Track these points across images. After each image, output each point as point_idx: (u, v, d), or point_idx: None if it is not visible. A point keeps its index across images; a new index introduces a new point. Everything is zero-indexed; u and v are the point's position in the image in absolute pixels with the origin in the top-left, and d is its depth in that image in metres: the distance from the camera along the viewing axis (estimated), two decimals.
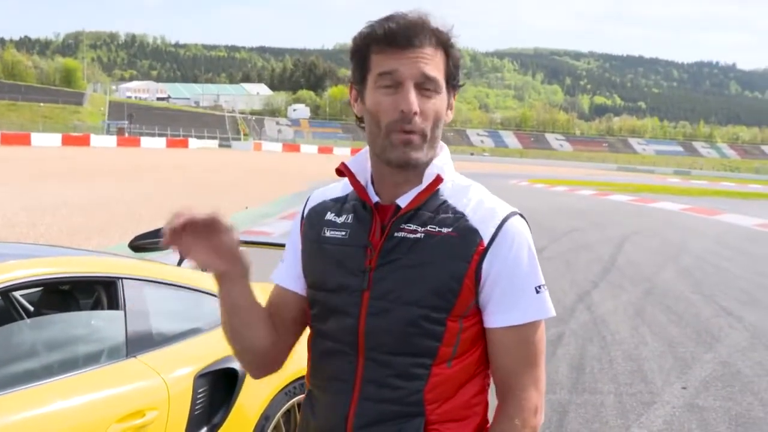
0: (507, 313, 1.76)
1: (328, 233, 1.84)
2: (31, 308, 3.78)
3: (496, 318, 1.77)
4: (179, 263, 4.56)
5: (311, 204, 1.94)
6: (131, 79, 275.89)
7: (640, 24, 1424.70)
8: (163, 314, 3.58)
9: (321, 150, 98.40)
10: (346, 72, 1.93)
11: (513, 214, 1.79)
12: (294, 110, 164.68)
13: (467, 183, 1.85)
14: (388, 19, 1.72)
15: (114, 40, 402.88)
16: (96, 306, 3.50)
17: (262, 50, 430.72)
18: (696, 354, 7.69)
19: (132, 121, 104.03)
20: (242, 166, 47.50)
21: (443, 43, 1.74)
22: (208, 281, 3.92)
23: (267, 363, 1.94)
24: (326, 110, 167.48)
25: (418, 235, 1.75)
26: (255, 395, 3.71)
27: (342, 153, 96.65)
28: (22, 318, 3.64)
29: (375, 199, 1.81)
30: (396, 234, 1.76)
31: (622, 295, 10.70)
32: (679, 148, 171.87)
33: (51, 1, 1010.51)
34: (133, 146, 75.05)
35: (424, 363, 1.74)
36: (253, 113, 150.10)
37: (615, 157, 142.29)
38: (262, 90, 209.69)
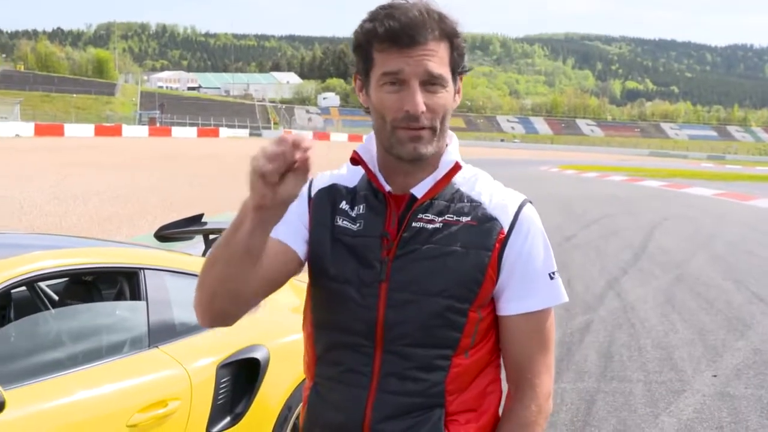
0: (523, 300, 1.76)
1: (341, 222, 1.80)
2: (56, 298, 3.81)
3: (511, 305, 1.77)
4: (204, 254, 4.58)
5: (318, 185, 1.87)
6: (162, 69, 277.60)
7: (672, 7, 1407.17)
8: (185, 304, 3.58)
9: (351, 138, 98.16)
10: None
11: (526, 201, 1.80)
12: (324, 98, 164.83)
13: (475, 171, 1.85)
14: (389, 15, 1.66)
15: (145, 31, 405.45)
16: (118, 296, 3.53)
17: (291, 39, 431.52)
18: (727, 341, 7.59)
19: (163, 110, 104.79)
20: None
21: (447, 33, 1.70)
22: None
23: (226, 317, 1.73)
24: (356, 98, 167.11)
25: (437, 225, 1.73)
26: (277, 385, 3.71)
27: None
28: (47, 308, 3.67)
29: (388, 188, 1.78)
30: (414, 224, 1.74)
31: (653, 282, 10.58)
32: (713, 133, 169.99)
33: None
34: (165, 136, 75.56)
35: (446, 354, 1.73)
36: (283, 102, 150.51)
37: (647, 142, 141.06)
38: (291, 78, 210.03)
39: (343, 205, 1.82)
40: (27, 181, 21.30)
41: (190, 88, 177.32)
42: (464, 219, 1.74)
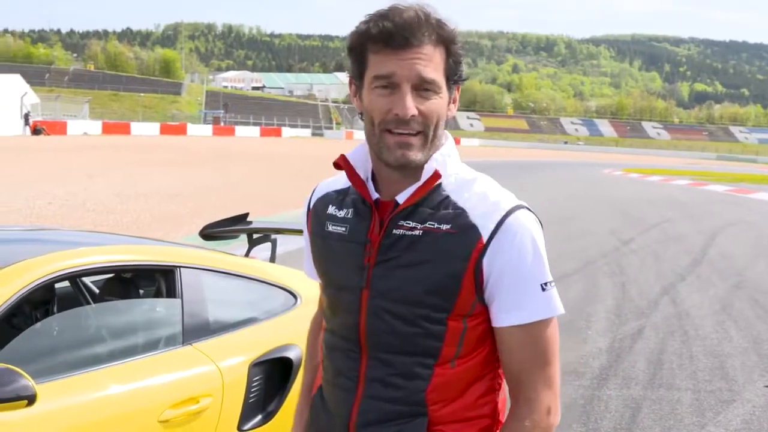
0: (512, 312, 1.71)
1: (330, 227, 1.82)
2: (97, 291, 3.90)
3: (501, 317, 1.72)
4: (247, 254, 4.63)
5: (316, 196, 1.92)
6: (227, 69, 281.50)
7: (744, 8, 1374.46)
8: (219, 303, 3.63)
9: None
10: None
11: (517, 207, 1.72)
12: None
13: (472, 176, 1.79)
14: (384, 16, 1.65)
15: (211, 31, 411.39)
16: (155, 293, 3.59)
17: None
18: None
19: (227, 110, 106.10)
20: (335, 154, 47.86)
21: (444, 39, 1.67)
22: (267, 271, 3.98)
23: None
24: None
25: (417, 233, 1.70)
26: None
27: None
28: (88, 303, 3.75)
29: (375, 195, 1.77)
30: (394, 231, 1.72)
31: (710, 289, 10.37)
32: None
33: None
34: (228, 135, 76.52)
35: (427, 363, 1.72)
36: (345, 102, 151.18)
37: (715, 146, 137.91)
38: None
39: (331, 209, 1.84)
40: (91, 178, 21.79)
41: (254, 88, 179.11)
42: (445, 227, 1.69)
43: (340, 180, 1.90)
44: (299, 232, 4.12)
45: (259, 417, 3.50)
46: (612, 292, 9.88)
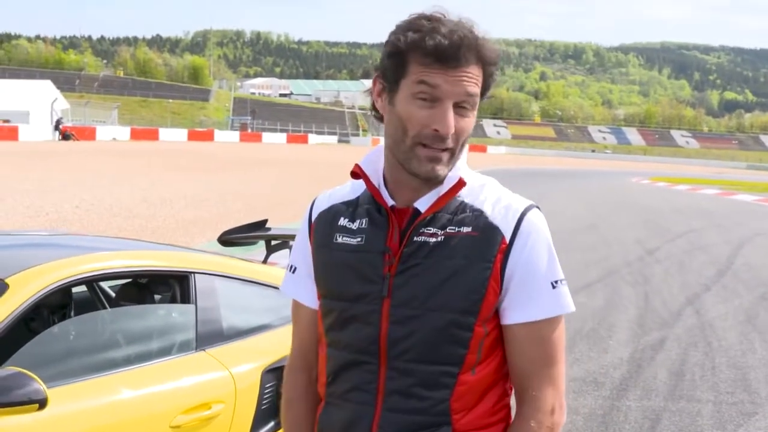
0: (523, 309, 1.72)
1: (340, 239, 1.79)
2: (113, 295, 3.93)
3: (511, 314, 1.73)
4: (264, 260, 4.64)
5: (319, 208, 1.88)
6: (255, 75, 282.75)
7: None
8: (233, 309, 3.65)
9: None
10: None
11: (530, 207, 1.75)
12: None
13: (482, 181, 1.80)
14: (436, 30, 1.63)
15: (240, 38, 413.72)
16: (169, 299, 3.61)
17: (382, 46, 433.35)
18: None
19: (255, 116, 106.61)
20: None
21: (485, 59, 1.68)
22: (280, 277, 3.98)
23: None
24: None
25: (438, 238, 1.70)
26: None
27: None
28: (104, 308, 3.78)
29: (390, 202, 1.76)
30: (416, 238, 1.71)
31: (735, 300, 10.26)
32: None
33: (182, 1, 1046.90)
34: (255, 141, 76.92)
35: (451, 371, 1.70)
36: (372, 109, 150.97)
37: (745, 155, 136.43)
38: None
39: (342, 221, 1.81)
40: (118, 184, 21.99)
41: (281, 95, 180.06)
42: (465, 229, 1.70)
43: (343, 191, 1.88)
44: None
45: (272, 424, 3.51)
46: (635, 301, 9.81)
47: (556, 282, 1.73)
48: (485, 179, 1.81)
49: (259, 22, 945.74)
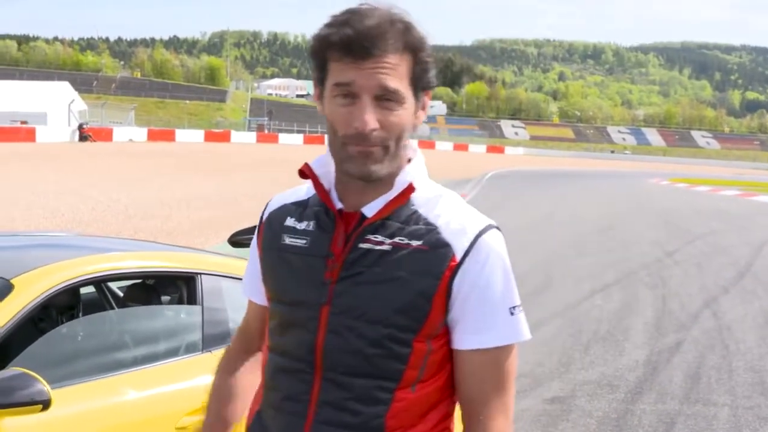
0: (477, 335, 1.62)
1: (287, 240, 1.71)
2: (120, 295, 3.92)
3: (465, 339, 1.63)
4: None
5: (270, 208, 1.81)
6: (272, 76, 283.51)
7: None
8: (239, 309, 3.60)
9: (456, 147, 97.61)
10: (484, 68, 1.79)
11: (489, 227, 1.64)
12: (431, 107, 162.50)
13: (440, 192, 1.69)
14: (346, 21, 1.55)
15: (257, 39, 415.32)
16: (176, 300, 3.59)
17: None
18: None
19: (271, 117, 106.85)
20: None
21: (411, 46, 1.58)
22: None
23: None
24: (463, 107, 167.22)
25: (385, 247, 1.61)
26: None
27: (477, 150, 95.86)
28: (111, 309, 3.77)
29: (339, 205, 1.67)
30: (361, 245, 1.62)
31: (754, 302, 10.14)
32: None
33: (199, 2, 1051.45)
34: (272, 142, 77.01)
35: (387, 387, 1.61)
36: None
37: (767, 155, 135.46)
38: None
39: (289, 221, 1.73)
40: (134, 184, 22.07)
41: (298, 96, 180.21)
42: (415, 243, 1.60)
43: (298, 192, 1.81)
44: None
45: None
46: (652, 304, 9.71)
47: (513, 308, 1.63)
48: (443, 191, 1.70)
49: (276, 23, 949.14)
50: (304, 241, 1.69)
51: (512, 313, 1.63)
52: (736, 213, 24.42)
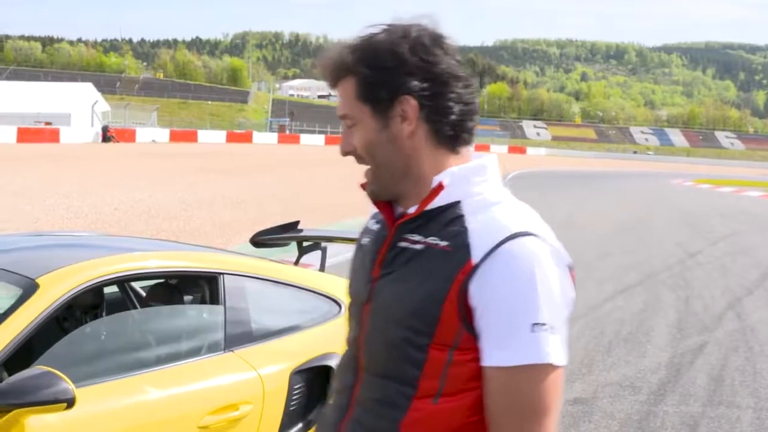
0: (495, 351, 1.51)
1: (363, 240, 1.79)
2: (143, 295, 3.95)
3: (486, 354, 1.52)
4: (296, 262, 4.63)
5: (372, 212, 1.84)
6: (294, 77, 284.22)
7: None
8: (262, 310, 3.64)
9: (477, 147, 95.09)
10: (506, 69, 1.83)
11: (522, 234, 1.52)
12: None
13: (497, 199, 1.61)
14: (318, 59, 1.71)
15: (278, 40, 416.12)
16: (198, 300, 3.61)
17: None
18: None
19: (293, 118, 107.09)
20: None
21: (352, 68, 1.61)
22: (310, 279, 3.97)
23: None
24: (484, 107, 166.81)
25: (418, 247, 1.59)
26: None
27: (499, 151, 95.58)
28: (134, 308, 3.80)
29: (399, 210, 1.70)
30: (399, 244, 1.63)
31: None
32: None
33: (222, 3, 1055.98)
34: (293, 143, 77.14)
35: (406, 393, 1.57)
36: None
37: None
38: None
39: (370, 223, 1.81)
40: (157, 185, 22.18)
41: (320, 96, 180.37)
42: (443, 243, 1.56)
43: None
44: (350, 240, 4.11)
45: (300, 425, 3.49)
46: (675, 305, 9.65)
47: (536, 325, 1.47)
48: (505, 198, 1.63)
49: (297, 24, 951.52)
50: (368, 240, 1.75)
51: (533, 331, 1.48)
52: (761, 214, 24.23)
